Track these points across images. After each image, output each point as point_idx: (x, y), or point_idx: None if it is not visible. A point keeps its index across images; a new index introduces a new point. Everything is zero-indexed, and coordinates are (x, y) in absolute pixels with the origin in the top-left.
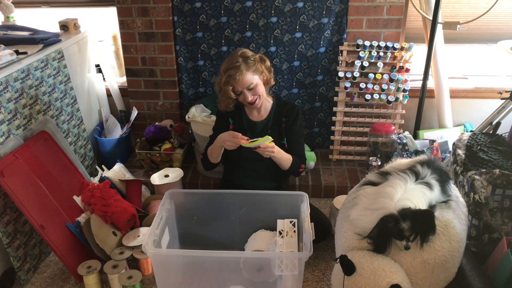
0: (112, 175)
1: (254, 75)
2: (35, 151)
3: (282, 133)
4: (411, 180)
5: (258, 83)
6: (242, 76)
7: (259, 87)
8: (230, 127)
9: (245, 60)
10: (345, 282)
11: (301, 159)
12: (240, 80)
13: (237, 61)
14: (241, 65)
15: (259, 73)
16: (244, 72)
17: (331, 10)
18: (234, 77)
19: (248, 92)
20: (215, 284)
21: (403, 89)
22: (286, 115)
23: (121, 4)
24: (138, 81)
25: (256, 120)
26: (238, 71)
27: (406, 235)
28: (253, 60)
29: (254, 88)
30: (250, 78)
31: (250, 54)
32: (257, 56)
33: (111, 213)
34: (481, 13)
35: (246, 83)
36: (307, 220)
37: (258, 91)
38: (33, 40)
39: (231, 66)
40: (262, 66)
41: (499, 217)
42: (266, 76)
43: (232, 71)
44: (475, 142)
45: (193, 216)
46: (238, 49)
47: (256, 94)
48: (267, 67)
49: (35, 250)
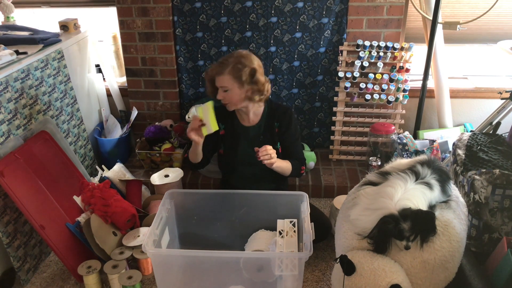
0: (112, 175)
1: (233, 82)
2: (35, 151)
3: (275, 138)
4: (411, 180)
5: (233, 90)
6: (221, 76)
7: (233, 94)
8: (220, 132)
9: (236, 64)
10: (345, 282)
11: (301, 161)
12: (218, 78)
13: (229, 60)
14: (228, 65)
15: (239, 83)
16: (225, 73)
17: (331, 10)
18: (214, 70)
19: (222, 92)
20: (215, 284)
21: (403, 89)
22: (278, 120)
23: (121, 4)
24: (138, 81)
25: (248, 125)
26: (221, 70)
27: (406, 235)
28: (241, 68)
29: (227, 91)
30: (226, 81)
31: (246, 62)
32: (250, 67)
33: (111, 213)
34: (481, 13)
35: (221, 83)
36: (307, 220)
37: (229, 97)
38: (33, 40)
39: (222, 60)
40: (248, 79)
41: (499, 217)
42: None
43: (218, 65)
44: (475, 142)
45: (193, 216)
46: (247, 52)
47: (227, 99)
48: (255, 81)
49: (35, 250)
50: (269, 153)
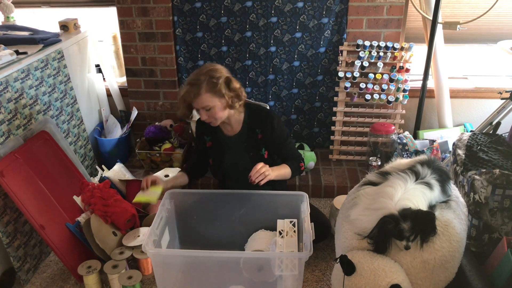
0: (112, 175)
1: (213, 98)
2: (35, 151)
3: (259, 144)
4: (411, 180)
5: (216, 106)
6: (199, 96)
7: (216, 110)
8: (207, 144)
9: (209, 79)
10: (345, 282)
11: (297, 159)
12: (196, 100)
13: (200, 78)
14: (202, 83)
15: (220, 96)
16: (202, 92)
17: (331, 10)
18: (190, 95)
19: (203, 111)
20: (215, 284)
21: (403, 89)
22: (259, 126)
23: (121, 4)
24: (138, 81)
25: (230, 135)
26: (196, 91)
27: (406, 235)
28: (216, 82)
29: (210, 110)
30: (207, 100)
31: (218, 74)
32: (224, 77)
33: (111, 213)
34: (481, 13)
35: (202, 104)
36: (307, 220)
37: (214, 114)
38: (33, 40)
39: (193, 82)
40: (226, 89)
41: (499, 217)
42: (229, 99)
43: (191, 88)
44: (475, 142)
45: (193, 216)
46: (212, 64)
47: (212, 116)
48: (232, 89)
49: (35, 250)
50: (261, 172)
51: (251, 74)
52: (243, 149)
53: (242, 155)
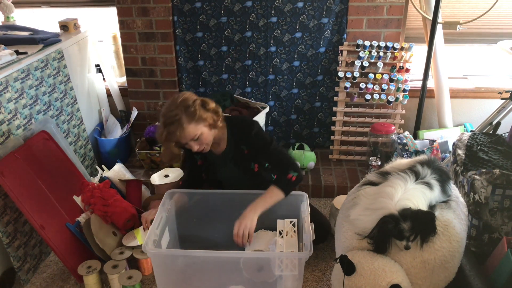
0: (112, 175)
1: (198, 126)
2: (35, 151)
3: (247, 159)
4: (411, 180)
5: (203, 132)
6: (184, 131)
7: (205, 135)
8: (198, 162)
9: (186, 110)
10: (345, 282)
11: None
12: (182, 136)
13: (177, 113)
14: (181, 117)
15: (202, 121)
16: (186, 125)
17: (331, 10)
18: (174, 133)
19: (193, 142)
20: (215, 284)
21: (403, 89)
22: (243, 143)
23: (121, 4)
24: (138, 81)
25: (218, 153)
26: (179, 127)
27: (406, 235)
28: (193, 109)
29: (199, 138)
30: (193, 131)
31: (191, 101)
32: (198, 101)
33: (111, 213)
34: (481, 13)
35: (189, 136)
36: (307, 220)
37: (203, 140)
38: (33, 40)
39: (170, 120)
40: (205, 113)
41: (499, 217)
42: (211, 121)
43: (172, 127)
44: (475, 142)
45: (193, 216)
46: (179, 95)
47: (202, 143)
48: (211, 109)
49: (35, 250)
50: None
51: (251, 74)
52: (232, 165)
53: (233, 170)
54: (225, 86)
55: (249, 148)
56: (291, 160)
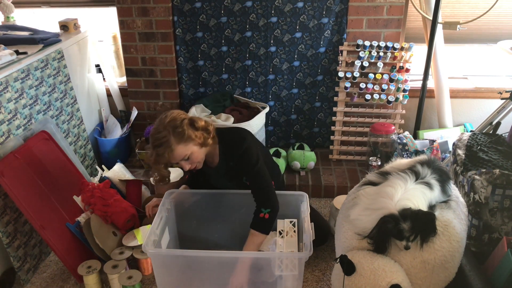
0: (112, 175)
1: (187, 146)
2: (35, 151)
3: (238, 175)
4: (411, 180)
5: (193, 151)
6: (173, 153)
7: (195, 154)
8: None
9: (174, 130)
10: (345, 282)
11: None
12: (172, 156)
13: (165, 135)
14: (169, 139)
15: (191, 141)
16: (174, 147)
17: (331, 10)
18: (163, 156)
19: (184, 162)
20: (215, 284)
21: (403, 89)
22: (232, 158)
23: (121, 4)
24: (138, 81)
25: (213, 167)
26: (168, 149)
27: (406, 235)
28: (181, 129)
29: (189, 158)
30: (182, 151)
31: (179, 121)
32: (186, 121)
33: (111, 213)
34: (481, 13)
35: (179, 157)
36: (307, 220)
37: (194, 159)
38: (33, 40)
39: (159, 142)
40: (193, 132)
41: (499, 217)
42: (201, 139)
43: (161, 149)
44: (475, 142)
45: (193, 216)
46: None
47: (194, 162)
48: (200, 128)
49: (35, 250)
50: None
51: (251, 74)
52: (226, 180)
53: (226, 183)
54: (225, 86)
55: (236, 165)
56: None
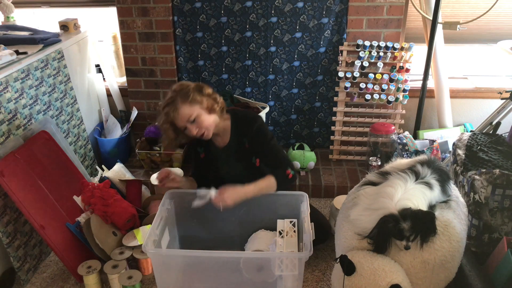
0: (112, 175)
1: (193, 107)
2: (35, 151)
3: (247, 154)
4: (411, 180)
5: (199, 114)
6: (178, 111)
7: (202, 118)
8: (201, 155)
9: (180, 92)
10: (345, 282)
11: (283, 165)
12: (177, 116)
13: (171, 96)
14: (175, 99)
15: (197, 103)
16: (180, 106)
17: (331, 10)
18: (170, 114)
19: (191, 125)
20: (215, 284)
21: (403, 89)
22: (245, 135)
23: (121, 4)
24: (138, 81)
25: (222, 146)
26: (173, 107)
27: (406, 235)
28: (187, 90)
29: (196, 121)
30: (187, 111)
31: (185, 85)
32: (192, 85)
33: (111, 213)
34: (481, 13)
35: (185, 116)
36: (307, 220)
37: (202, 123)
38: (33, 40)
39: (166, 103)
40: (199, 95)
41: (499, 217)
42: (208, 103)
43: (167, 108)
44: (475, 142)
45: (193, 216)
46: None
47: (201, 126)
48: (207, 94)
49: (35, 250)
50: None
51: (251, 74)
52: (234, 160)
53: (234, 165)
54: (225, 86)
55: (250, 142)
56: (289, 159)
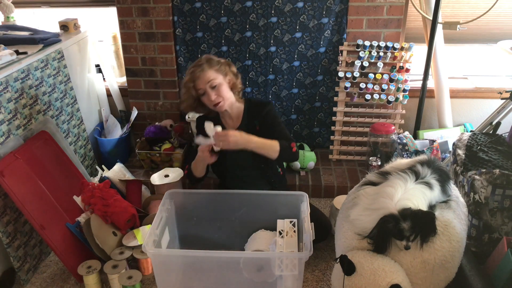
0: (112, 175)
1: (217, 74)
2: (35, 151)
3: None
4: (411, 180)
5: (221, 83)
6: (204, 72)
7: (223, 88)
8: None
9: (209, 60)
10: (345, 282)
11: (288, 140)
12: (202, 76)
13: (201, 61)
14: (204, 64)
15: (223, 73)
16: (206, 69)
17: (331, 10)
18: (195, 73)
19: (211, 90)
20: (215, 284)
21: (403, 89)
22: (258, 118)
23: (121, 4)
24: (138, 81)
25: (232, 128)
26: (200, 68)
27: (406, 235)
28: (217, 61)
29: (217, 87)
30: (212, 75)
31: (216, 58)
32: (223, 60)
33: (111, 213)
34: (481, 13)
35: (208, 78)
36: (307, 220)
37: (221, 92)
38: (33, 40)
39: (194, 65)
40: (227, 68)
41: (499, 217)
42: (231, 79)
43: (194, 68)
44: (475, 142)
45: (193, 216)
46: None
47: (220, 95)
48: (233, 71)
49: (35, 250)
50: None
51: (251, 74)
52: None
53: (243, 151)
54: None
55: (260, 124)
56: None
